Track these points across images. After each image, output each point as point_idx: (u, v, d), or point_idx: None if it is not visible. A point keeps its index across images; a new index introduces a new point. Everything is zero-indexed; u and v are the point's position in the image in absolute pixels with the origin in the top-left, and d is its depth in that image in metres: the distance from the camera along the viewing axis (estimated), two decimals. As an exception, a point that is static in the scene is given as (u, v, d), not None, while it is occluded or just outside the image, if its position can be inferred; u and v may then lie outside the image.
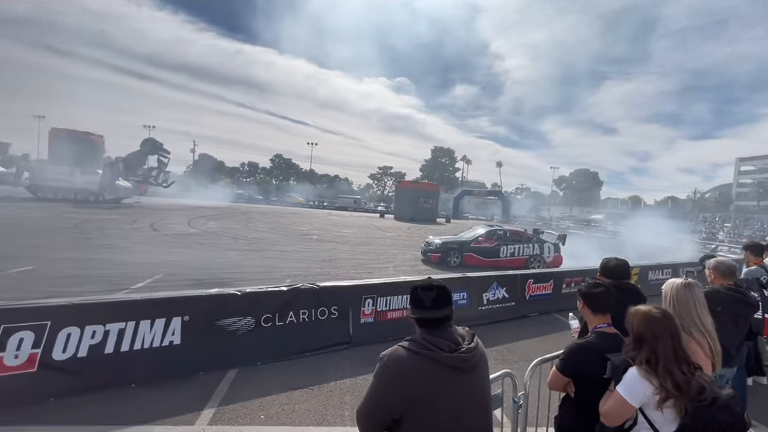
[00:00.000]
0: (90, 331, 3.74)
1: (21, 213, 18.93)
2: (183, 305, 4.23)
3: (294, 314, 4.93)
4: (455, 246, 12.78)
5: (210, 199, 47.92)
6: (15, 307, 3.55)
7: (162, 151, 33.01)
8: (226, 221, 23.73)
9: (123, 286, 7.50)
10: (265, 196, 61.06)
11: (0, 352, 3.39)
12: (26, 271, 8.06)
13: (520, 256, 12.78)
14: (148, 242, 13.34)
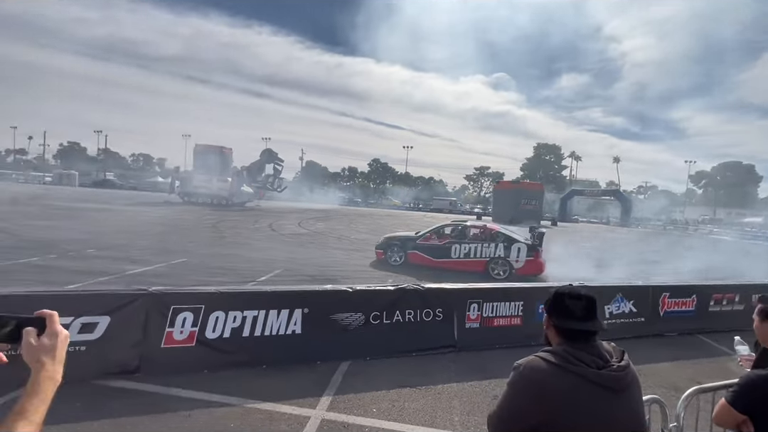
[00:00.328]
0: (232, 316, 4.36)
1: (175, 215, 23.21)
2: (303, 298, 4.67)
3: (400, 313, 5.04)
4: (397, 242, 11.23)
5: (316, 203, 52.30)
6: (180, 291, 4.34)
7: (277, 159, 37.15)
8: (331, 223, 25.58)
9: (251, 278, 8.61)
10: (364, 198, 64.31)
11: (170, 327, 4.17)
12: (182, 262, 9.82)
13: (477, 257, 10.45)
14: (268, 241, 15.12)
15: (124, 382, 3.86)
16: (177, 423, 3.30)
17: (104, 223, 16.66)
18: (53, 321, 0.92)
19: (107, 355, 3.96)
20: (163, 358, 4.10)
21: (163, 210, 25.58)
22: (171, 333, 4.17)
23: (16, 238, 11.58)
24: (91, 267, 8.60)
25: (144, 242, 12.50)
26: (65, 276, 7.63)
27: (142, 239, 13.06)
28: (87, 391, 3.63)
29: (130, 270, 8.60)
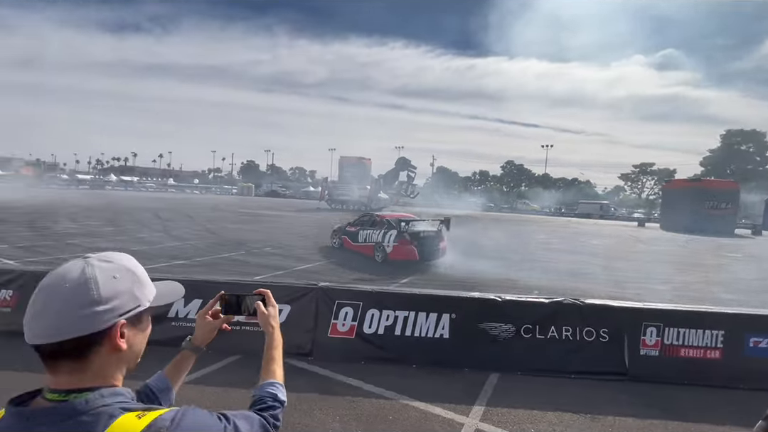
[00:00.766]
0: (386, 314, 4.69)
1: (324, 219, 26.40)
2: (451, 303, 4.70)
3: (556, 329, 4.60)
4: (338, 228, 13.00)
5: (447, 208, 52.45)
6: (342, 288, 4.89)
7: (410, 167, 38.74)
8: (463, 228, 25.23)
9: (393, 280, 9.12)
10: (497, 203, 61.40)
11: (335, 319, 4.72)
12: (334, 261, 11.07)
13: (368, 242, 11.48)
14: (405, 245, 15.81)
15: (301, 362, 4.53)
16: (344, 406, 3.69)
17: (275, 226, 20.09)
18: (270, 296, 1.18)
19: (288, 338, 4.71)
20: (330, 346, 4.66)
21: (315, 215, 29.40)
22: (335, 324, 4.71)
23: (218, 237, 14.91)
24: (269, 262, 10.45)
25: (304, 242, 14.58)
26: (253, 269, 9.46)
27: (303, 240, 15.26)
28: (275, 366, 4.39)
29: (296, 267, 10.13)
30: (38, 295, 0.69)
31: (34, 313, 0.68)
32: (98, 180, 63.37)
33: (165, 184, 72.73)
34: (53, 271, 0.72)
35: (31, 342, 0.68)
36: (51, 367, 0.70)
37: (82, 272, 0.71)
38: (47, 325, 0.68)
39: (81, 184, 55.37)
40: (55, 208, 22.63)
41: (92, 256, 0.75)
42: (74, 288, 0.69)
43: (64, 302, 0.68)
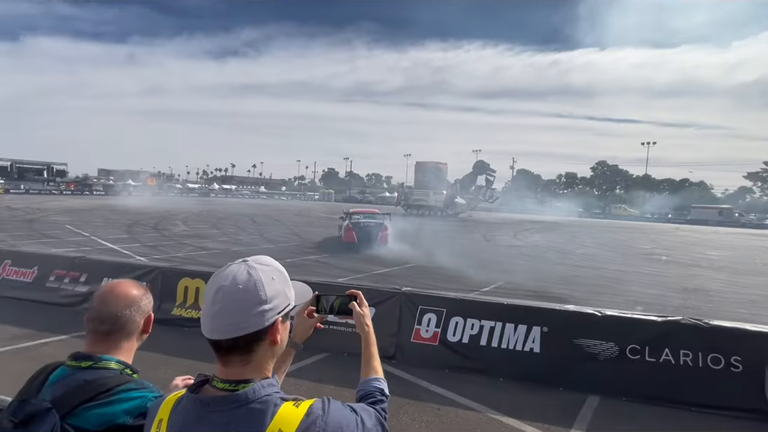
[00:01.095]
0: (470, 323, 4.55)
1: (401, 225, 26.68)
2: (542, 316, 4.39)
3: (671, 353, 4.01)
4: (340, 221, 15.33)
5: (528, 213, 49.46)
6: (426, 294, 4.88)
7: (489, 170, 37.42)
8: (549, 235, 23.55)
9: (474, 287, 8.82)
10: (587, 208, 56.00)
11: (418, 325, 4.72)
12: (412, 267, 11.12)
13: (340, 230, 14.81)
14: (484, 251, 15.27)
15: (385, 365, 4.57)
16: (430, 413, 3.65)
17: (354, 231, 20.88)
18: (362, 298, 1.20)
19: (373, 340, 4.85)
20: (413, 351, 4.67)
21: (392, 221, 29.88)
22: (419, 330, 4.71)
23: (303, 241, 15.98)
24: (351, 266, 10.88)
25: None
26: (336, 271, 9.94)
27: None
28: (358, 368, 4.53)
29: (376, 270, 10.38)
30: (216, 296, 0.77)
31: (213, 312, 0.77)
32: (204, 188, 72.67)
33: (257, 191, 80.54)
34: (220, 273, 0.80)
35: (212, 337, 0.77)
36: (223, 359, 0.79)
37: (249, 275, 0.78)
38: (227, 323, 0.76)
39: (191, 192, 64.01)
40: (172, 213, 26.41)
41: (250, 260, 0.83)
42: (246, 290, 0.77)
43: (239, 302, 0.76)
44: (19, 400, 0.91)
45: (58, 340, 4.84)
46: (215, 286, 0.78)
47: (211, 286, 0.79)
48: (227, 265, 0.82)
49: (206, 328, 0.78)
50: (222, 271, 0.80)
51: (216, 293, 0.77)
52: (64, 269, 6.36)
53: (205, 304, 0.79)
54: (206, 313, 0.78)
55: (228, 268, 0.81)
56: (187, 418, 0.76)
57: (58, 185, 51.74)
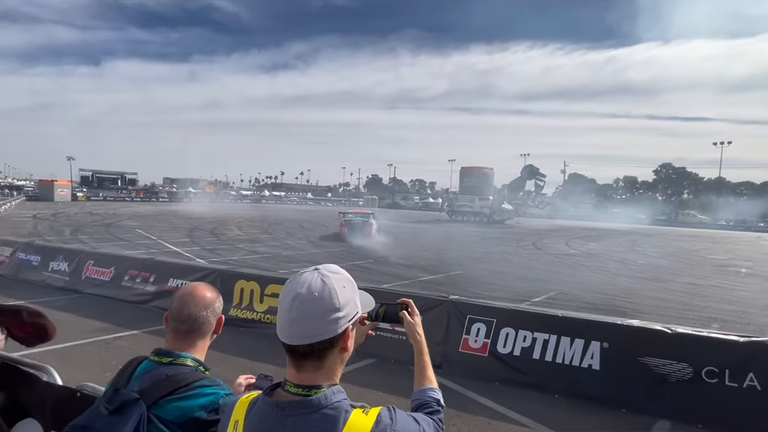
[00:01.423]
0: (522, 335, 4.36)
1: (445, 231, 26.34)
2: (602, 330, 4.10)
3: (757, 378, 3.57)
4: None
5: (582, 219, 46.73)
6: (474, 303, 4.75)
7: (539, 175, 35.88)
8: (606, 243, 22.08)
9: (524, 297, 8.47)
10: (649, 214, 51.70)
11: (466, 334, 4.60)
12: (458, 274, 10.91)
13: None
14: (535, 259, 14.61)
15: (432, 374, 4.53)
16: (482, 427, 3.54)
17: (397, 237, 20.91)
18: (413, 306, 1.18)
19: (419, 348, 4.80)
20: (461, 361, 4.55)
21: (436, 227, 29.60)
22: (467, 340, 4.59)
23: (348, 246, 16.23)
24: (395, 271, 10.89)
25: (426, 254, 14.77)
26: (381, 277, 9.98)
27: (425, 251, 15.49)
28: (407, 374, 4.48)
29: (421, 277, 10.31)
30: (293, 303, 0.79)
31: (290, 318, 0.79)
32: (256, 195, 76.50)
33: (305, 197, 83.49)
34: (295, 280, 0.82)
35: (290, 343, 0.80)
36: (297, 364, 0.81)
37: (323, 283, 0.80)
38: (305, 330, 0.78)
39: (244, 198, 67.68)
40: (228, 218, 28.09)
41: (321, 268, 0.85)
42: (321, 298, 0.79)
43: (315, 310, 0.78)
44: (113, 389, 1.00)
45: (130, 334, 5.30)
46: (292, 294, 0.80)
47: (287, 293, 0.82)
48: (300, 272, 0.84)
49: (284, 334, 0.81)
50: (296, 279, 0.83)
51: (293, 300, 0.79)
52: (136, 270, 6.97)
53: (281, 310, 0.82)
54: (283, 319, 0.81)
55: (302, 276, 0.83)
56: (264, 420, 0.79)
57: (130, 193, 57.04)
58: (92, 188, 55.09)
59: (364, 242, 16.24)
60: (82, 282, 7.31)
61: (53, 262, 7.85)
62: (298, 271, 0.85)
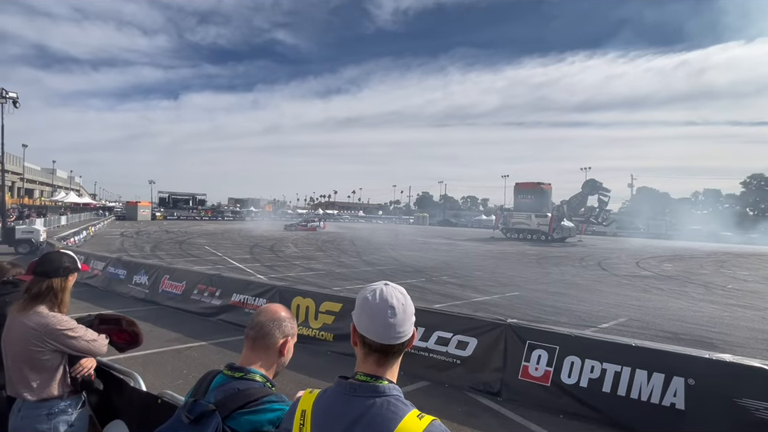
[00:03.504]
0: (590, 365, 4.01)
1: (500, 250, 25.35)
2: (686, 364, 3.64)
3: None
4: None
5: (654, 238, 42.60)
6: (534, 328, 4.49)
7: (602, 190, 33.52)
8: (685, 263, 19.87)
9: (590, 323, 7.83)
10: (738, 231, 45.70)
11: (526, 361, 4.34)
12: (515, 296, 10.39)
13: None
14: (600, 281, 13.50)
15: (490, 402, 4.31)
16: (545, 465, 3.27)
17: (450, 255, 20.53)
18: None
19: (475, 373, 4.60)
20: (521, 390, 4.28)
21: (489, 245, 28.61)
22: (527, 367, 4.32)
23: (400, 264, 16.22)
24: (447, 291, 10.65)
25: (479, 273, 14.29)
26: (433, 296, 9.81)
27: (478, 270, 15.00)
28: (462, 400, 4.32)
29: (474, 298, 9.96)
30: (390, 310, 0.94)
31: (391, 323, 0.93)
32: (311, 213, 79.63)
33: (356, 215, 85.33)
34: (373, 292, 0.97)
35: (389, 342, 0.94)
36: (379, 360, 0.95)
37: (403, 295, 0.97)
38: (401, 331, 0.94)
39: (300, 217, 70.74)
40: (285, 236, 29.48)
41: (390, 283, 1.00)
42: (406, 306, 0.96)
43: (405, 315, 0.95)
44: (193, 400, 1.08)
45: (199, 345, 5.68)
46: (387, 302, 0.95)
47: (380, 302, 0.95)
48: (376, 285, 1.00)
49: (380, 335, 0.94)
50: (381, 290, 0.97)
51: (389, 307, 0.94)
52: (204, 284, 7.53)
53: (373, 315, 0.95)
54: (381, 324, 0.94)
55: (386, 287, 0.98)
56: (334, 399, 0.93)
57: (199, 212, 62.21)
58: (168, 208, 60.91)
59: None
60: (159, 295, 8.03)
61: (136, 275, 8.74)
62: (367, 286, 1.02)
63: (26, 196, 57.02)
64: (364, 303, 0.97)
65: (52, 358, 1.77)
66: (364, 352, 0.97)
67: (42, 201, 56.37)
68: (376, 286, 0.99)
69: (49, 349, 1.75)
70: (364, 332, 0.96)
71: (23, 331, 1.73)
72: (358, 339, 0.99)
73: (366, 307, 0.96)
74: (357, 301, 1.01)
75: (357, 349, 1.00)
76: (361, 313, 0.97)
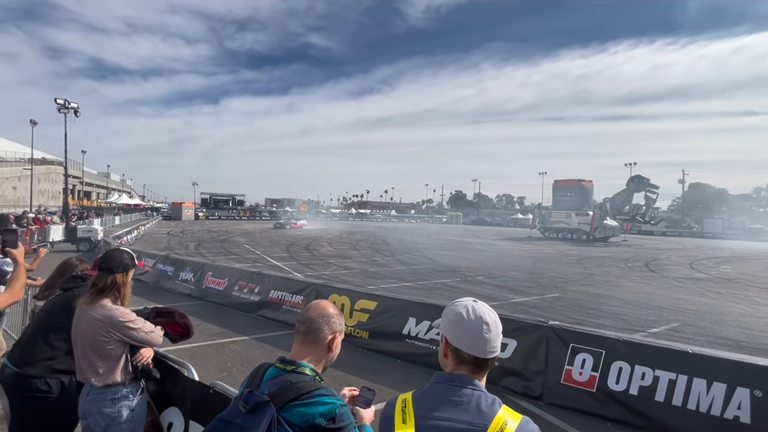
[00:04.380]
0: (640, 372, 3.78)
1: (537, 249, 24.51)
2: (753, 375, 3.35)
3: None
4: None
5: (709, 237, 39.58)
6: (578, 330, 4.29)
7: (649, 186, 31.55)
8: (746, 265, 18.32)
9: (638, 327, 7.39)
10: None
11: (569, 365, 4.16)
12: (555, 297, 10.00)
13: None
14: (648, 283, 12.72)
15: (529, 404, 4.18)
16: (592, 474, 3.13)
17: (485, 255, 20.10)
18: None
19: (514, 375, 4.47)
20: (563, 395, 4.11)
21: (527, 245, 27.73)
22: (570, 371, 4.14)
23: (434, 263, 16.07)
24: (483, 291, 10.43)
25: (516, 274, 13.88)
26: (469, 297, 9.63)
27: (515, 271, 14.58)
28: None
29: (512, 299, 9.69)
30: (487, 326, 1.03)
31: (488, 339, 1.02)
32: (344, 213, 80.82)
33: (389, 214, 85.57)
34: (466, 308, 1.05)
35: (483, 356, 1.03)
36: (459, 368, 1.04)
37: (492, 311, 1.07)
38: (486, 347, 1.02)
39: (333, 216, 72.00)
40: (320, 235, 30.08)
41: (478, 300, 1.10)
42: (495, 323, 1.06)
43: (493, 332, 1.04)
44: (248, 390, 1.13)
45: (241, 340, 5.91)
46: (482, 319, 1.04)
47: (475, 318, 1.04)
48: (465, 301, 1.09)
49: (477, 349, 1.02)
50: (469, 305, 1.06)
51: (484, 323, 1.03)
52: (244, 281, 7.83)
53: (469, 330, 1.04)
54: (477, 338, 1.03)
55: (477, 304, 1.08)
56: (436, 389, 1.03)
57: (238, 212, 64.85)
58: (209, 208, 63.98)
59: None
60: (203, 291, 8.44)
61: (182, 272, 9.24)
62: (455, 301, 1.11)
63: (85, 198, 61.98)
64: (458, 319, 1.04)
65: (115, 347, 1.90)
66: (455, 363, 1.05)
67: (98, 202, 61.02)
68: (467, 303, 1.08)
69: (113, 339, 1.88)
70: (459, 346, 1.03)
71: (91, 322, 1.87)
72: (451, 352, 1.06)
73: (461, 322, 1.04)
74: (446, 315, 1.09)
75: (446, 360, 1.08)
76: (455, 328, 1.05)
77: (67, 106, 23.44)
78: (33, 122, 34.14)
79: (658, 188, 31.76)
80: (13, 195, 45.89)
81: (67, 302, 2.16)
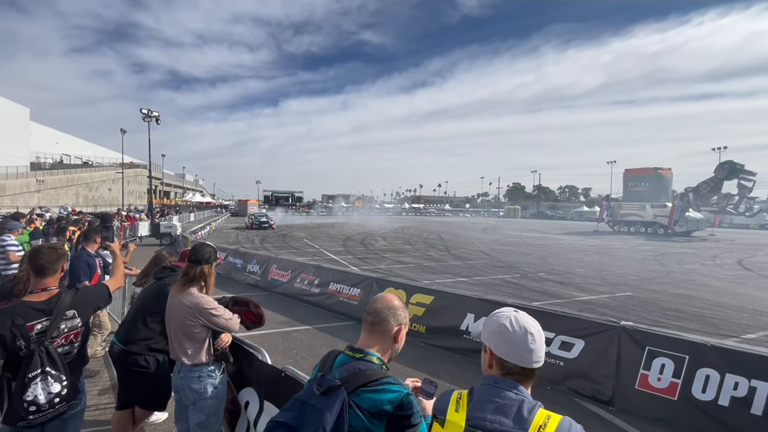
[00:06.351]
0: (732, 381, 3.38)
1: (606, 244, 22.73)
2: None
3: None
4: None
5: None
6: (655, 333, 3.94)
7: (743, 173, 27.69)
8: None
9: (729, 332, 6.59)
10: None
11: (645, 370, 3.84)
12: (627, 296, 9.24)
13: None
14: (742, 283, 11.25)
15: (599, 409, 3.94)
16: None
17: (547, 250, 19.10)
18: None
19: (581, 377, 4.23)
20: (638, 401, 3.82)
21: (593, 239, 25.83)
22: (646, 376, 3.82)
23: (491, 259, 15.60)
24: (545, 288, 9.93)
25: (582, 270, 13.02)
26: (530, 294, 9.25)
27: (580, 267, 13.67)
28: (567, 405, 4.01)
29: (577, 297, 9.12)
30: (530, 336, 1.08)
31: (532, 349, 1.08)
32: (397, 208, 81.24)
33: (443, 209, 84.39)
34: (509, 319, 1.11)
35: (526, 366, 1.08)
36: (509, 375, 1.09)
37: (535, 321, 1.12)
38: (531, 357, 1.08)
39: (387, 211, 72.71)
40: (374, 230, 30.58)
41: (519, 310, 1.14)
42: (539, 333, 1.11)
43: (538, 342, 1.09)
44: (321, 375, 1.21)
45: (304, 329, 6.25)
46: (526, 330, 1.09)
47: (519, 329, 1.09)
48: (506, 311, 1.13)
49: (522, 359, 1.08)
50: (512, 316, 1.11)
51: (529, 334, 1.09)
52: (306, 274, 8.23)
53: (514, 341, 1.09)
54: (523, 349, 1.08)
55: (519, 315, 1.12)
56: (484, 389, 1.10)
57: (297, 208, 68.11)
58: (271, 205, 67.94)
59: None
60: (269, 282, 9.02)
61: (250, 265, 9.94)
62: (495, 312, 1.17)
63: (165, 197, 69.08)
64: (502, 330, 1.09)
65: (201, 331, 2.12)
66: (501, 373, 1.10)
67: (176, 201, 67.66)
68: (509, 313, 1.12)
69: (199, 323, 2.10)
70: (504, 356, 1.08)
71: (181, 308, 2.10)
72: (496, 362, 1.10)
73: (505, 333, 1.08)
74: (489, 326, 1.13)
75: (490, 371, 1.13)
76: (499, 339, 1.09)
77: (150, 115, 26.22)
78: (123, 131, 38.61)
79: (755, 175, 27.65)
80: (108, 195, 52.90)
81: (160, 290, 2.46)
